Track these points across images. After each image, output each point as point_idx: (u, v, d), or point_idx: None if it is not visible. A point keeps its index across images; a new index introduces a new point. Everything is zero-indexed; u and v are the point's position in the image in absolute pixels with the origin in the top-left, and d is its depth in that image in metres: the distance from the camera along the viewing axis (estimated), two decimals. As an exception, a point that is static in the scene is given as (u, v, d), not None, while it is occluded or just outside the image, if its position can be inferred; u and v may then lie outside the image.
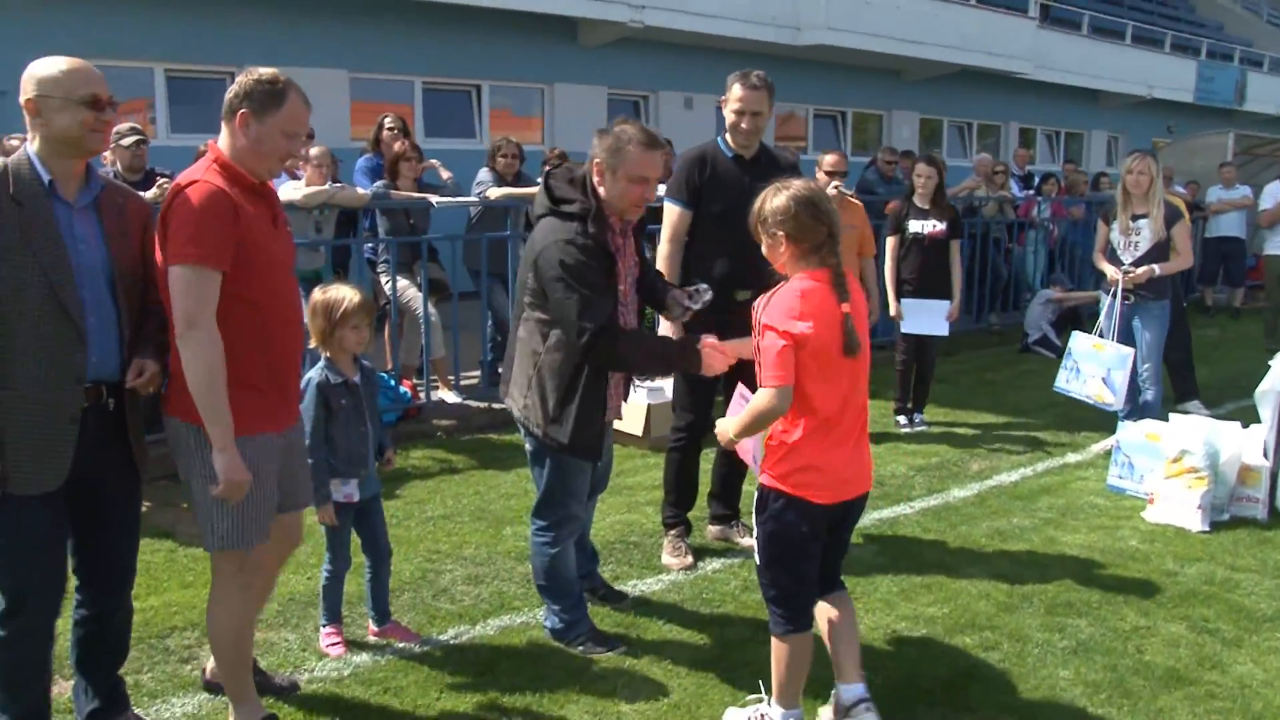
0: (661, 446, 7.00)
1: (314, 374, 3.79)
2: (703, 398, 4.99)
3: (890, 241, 7.51)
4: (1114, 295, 6.69)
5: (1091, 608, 4.45)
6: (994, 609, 4.42)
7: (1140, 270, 6.56)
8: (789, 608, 3.31)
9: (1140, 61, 23.62)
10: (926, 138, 20.42)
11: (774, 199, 3.20)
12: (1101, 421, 7.45)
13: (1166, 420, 5.94)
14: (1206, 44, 26.86)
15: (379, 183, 7.43)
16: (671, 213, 4.87)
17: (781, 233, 3.17)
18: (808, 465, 3.17)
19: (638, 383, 7.50)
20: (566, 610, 4.03)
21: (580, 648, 3.97)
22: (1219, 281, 14.04)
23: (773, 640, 3.37)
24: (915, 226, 7.33)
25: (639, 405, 7.08)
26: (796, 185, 3.22)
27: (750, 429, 3.23)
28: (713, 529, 5.30)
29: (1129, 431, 6.08)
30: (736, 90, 4.78)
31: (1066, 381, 6.70)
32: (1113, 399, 6.46)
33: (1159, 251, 6.61)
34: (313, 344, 3.85)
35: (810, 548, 3.25)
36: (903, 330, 7.51)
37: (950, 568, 4.89)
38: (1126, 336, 6.72)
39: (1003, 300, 12.15)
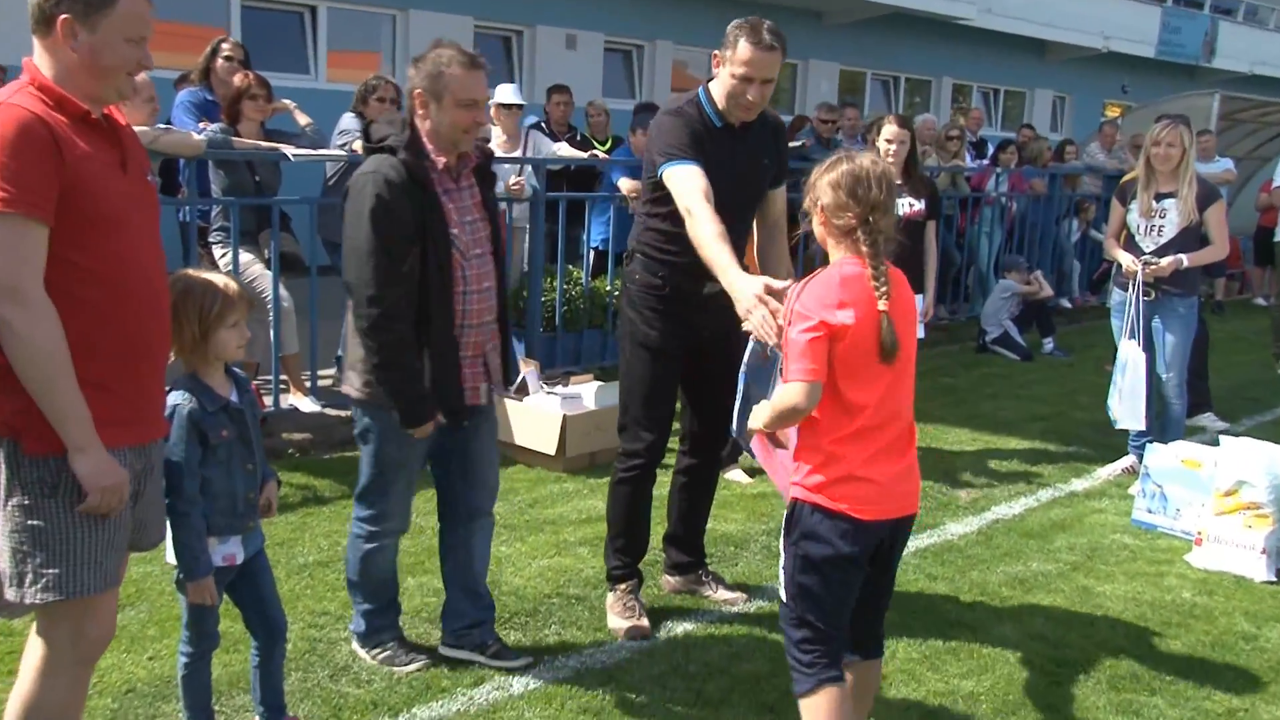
0: (580, 468, 6.74)
1: (179, 400, 3.32)
2: (664, 411, 4.69)
3: None
4: (1133, 290, 6.66)
5: (1165, 682, 4.34)
6: (1044, 682, 4.27)
7: (1165, 261, 6.53)
8: (821, 652, 3.26)
9: (1096, 8, 23.70)
10: (847, 93, 20.56)
11: (825, 170, 3.30)
12: (1104, 438, 7.48)
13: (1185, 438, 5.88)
14: (1173, -14, 27.03)
15: (214, 125, 6.88)
16: (687, 174, 4.22)
17: (820, 204, 3.28)
18: (850, 474, 3.18)
19: (545, 386, 7.20)
20: (375, 614, 4.22)
21: (383, 656, 4.19)
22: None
23: (801, 703, 3.27)
24: None
25: (550, 416, 6.75)
26: (855, 158, 3.27)
27: (779, 423, 3.31)
28: (672, 580, 5.04)
29: (1159, 456, 6.06)
30: (744, 49, 4.28)
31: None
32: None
33: (1187, 238, 6.60)
34: (173, 356, 3.40)
35: (852, 576, 3.26)
36: None
37: (975, 626, 4.74)
38: (1146, 339, 6.71)
39: (954, 289, 12.25)
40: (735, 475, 6.63)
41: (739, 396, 3.64)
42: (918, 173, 7.26)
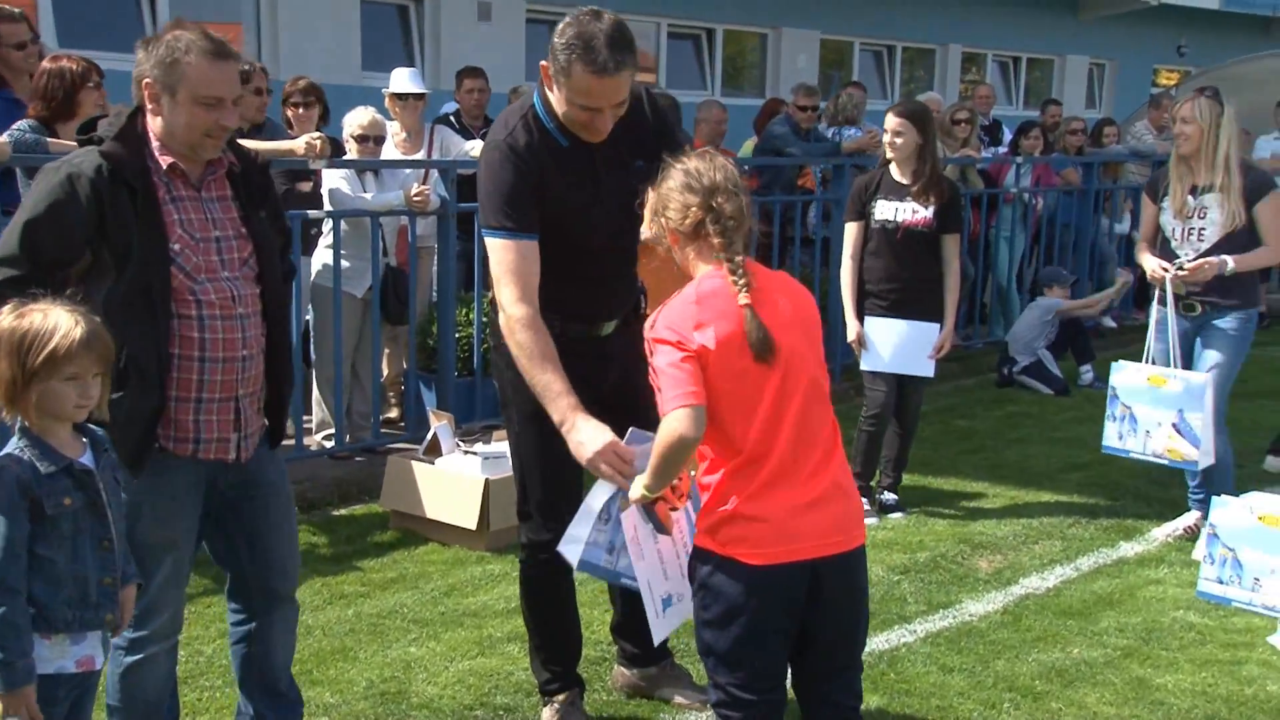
0: (507, 545, 6.69)
1: (2, 461, 3.33)
2: (571, 488, 4.62)
3: (850, 231, 7.39)
4: (1154, 304, 6.82)
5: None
6: (1096, 802, 4.33)
7: (1202, 263, 6.55)
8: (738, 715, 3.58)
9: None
10: (829, 67, 20.74)
11: (659, 183, 3.72)
12: (1159, 490, 7.57)
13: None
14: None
15: (22, 124, 6.83)
16: (511, 254, 4.35)
17: (665, 219, 3.68)
18: (735, 513, 3.49)
19: (461, 445, 7.18)
20: None
21: None
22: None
23: None
24: (884, 210, 7.21)
25: (469, 481, 6.77)
26: (681, 160, 3.70)
27: (665, 471, 3.58)
28: (626, 674, 5.10)
29: (1230, 512, 6.07)
30: (583, 79, 4.19)
31: (1120, 438, 6.76)
32: (1194, 454, 6.52)
33: (1235, 243, 6.61)
34: None
35: (761, 635, 3.51)
36: (867, 368, 7.39)
37: (1005, 731, 4.80)
38: (1187, 364, 6.81)
39: (968, 309, 12.33)
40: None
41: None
42: (932, 173, 7.25)
